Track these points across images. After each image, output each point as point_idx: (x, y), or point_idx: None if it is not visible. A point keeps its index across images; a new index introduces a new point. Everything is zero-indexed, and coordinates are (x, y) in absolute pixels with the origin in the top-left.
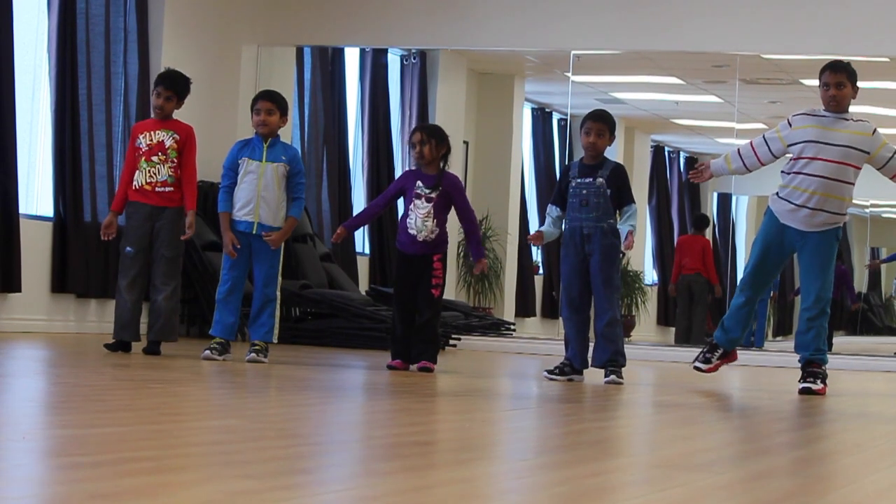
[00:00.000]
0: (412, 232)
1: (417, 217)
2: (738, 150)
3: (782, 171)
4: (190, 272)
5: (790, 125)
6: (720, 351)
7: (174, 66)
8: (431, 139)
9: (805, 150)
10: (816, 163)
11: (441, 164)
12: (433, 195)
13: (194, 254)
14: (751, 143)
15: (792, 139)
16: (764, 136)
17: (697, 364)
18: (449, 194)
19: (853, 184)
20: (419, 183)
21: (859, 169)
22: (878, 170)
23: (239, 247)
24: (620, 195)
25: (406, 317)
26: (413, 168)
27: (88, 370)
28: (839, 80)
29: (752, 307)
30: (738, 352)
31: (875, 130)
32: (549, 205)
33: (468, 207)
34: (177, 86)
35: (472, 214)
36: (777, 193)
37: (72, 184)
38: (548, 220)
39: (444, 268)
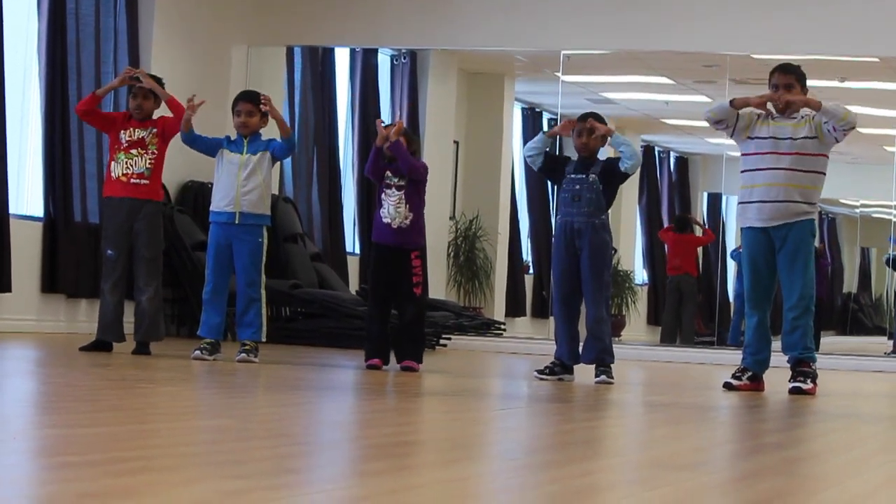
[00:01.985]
0: (386, 220)
1: (390, 205)
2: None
3: (741, 172)
4: (179, 272)
5: (758, 118)
6: (750, 373)
7: (164, 66)
8: (405, 134)
9: (758, 146)
10: (769, 157)
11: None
12: (402, 183)
13: (184, 253)
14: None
15: (754, 132)
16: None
17: (728, 381)
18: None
19: (816, 172)
20: (388, 173)
21: (817, 156)
22: (833, 139)
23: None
24: (614, 167)
25: (382, 313)
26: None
27: (78, 370)
28: (788, 81)
29: (766, 323)
30: (727, 352)
31: (813, 117)
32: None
33: (413, 163)
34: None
35: (413, 164)
36: (739, 203)
37: (62, 184)
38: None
39: (424, 265)
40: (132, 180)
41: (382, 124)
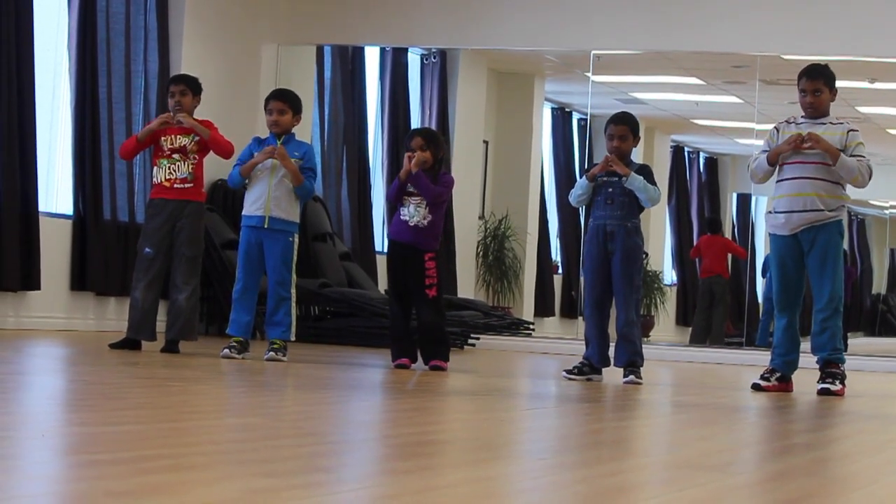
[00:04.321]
0: (404, 218)
1: (410, 205)
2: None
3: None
4: (209, 271)
5: (778, 132)
6: (778, 374)
7: (194, 64)
8: (430, 146)
9: (783, 156)
10: (793, 166)
11: (437, 168)
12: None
13: (213, 252)
14: (756, 161)
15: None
16: (759, 152)
17: (757, 382)
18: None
19: (837, 183)
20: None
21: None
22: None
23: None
24: (645, 175)
25: (403, 311)
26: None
27: (107, 368)
28: (816, 86)
29: (795, 325)
30: (757, 352)
31: (850, 131)
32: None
33: (435, 190)
34: (187, 80)
35: (435, 192)
36: (768, 211)
37: (91, 182)
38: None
39: (439, 268)
40: (175, 185)
41: (410, 158)
